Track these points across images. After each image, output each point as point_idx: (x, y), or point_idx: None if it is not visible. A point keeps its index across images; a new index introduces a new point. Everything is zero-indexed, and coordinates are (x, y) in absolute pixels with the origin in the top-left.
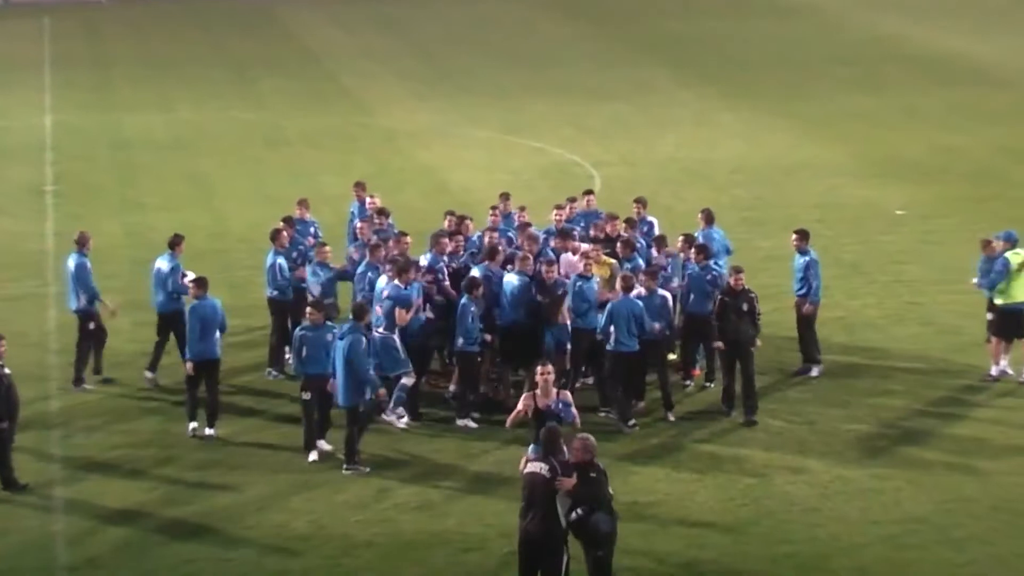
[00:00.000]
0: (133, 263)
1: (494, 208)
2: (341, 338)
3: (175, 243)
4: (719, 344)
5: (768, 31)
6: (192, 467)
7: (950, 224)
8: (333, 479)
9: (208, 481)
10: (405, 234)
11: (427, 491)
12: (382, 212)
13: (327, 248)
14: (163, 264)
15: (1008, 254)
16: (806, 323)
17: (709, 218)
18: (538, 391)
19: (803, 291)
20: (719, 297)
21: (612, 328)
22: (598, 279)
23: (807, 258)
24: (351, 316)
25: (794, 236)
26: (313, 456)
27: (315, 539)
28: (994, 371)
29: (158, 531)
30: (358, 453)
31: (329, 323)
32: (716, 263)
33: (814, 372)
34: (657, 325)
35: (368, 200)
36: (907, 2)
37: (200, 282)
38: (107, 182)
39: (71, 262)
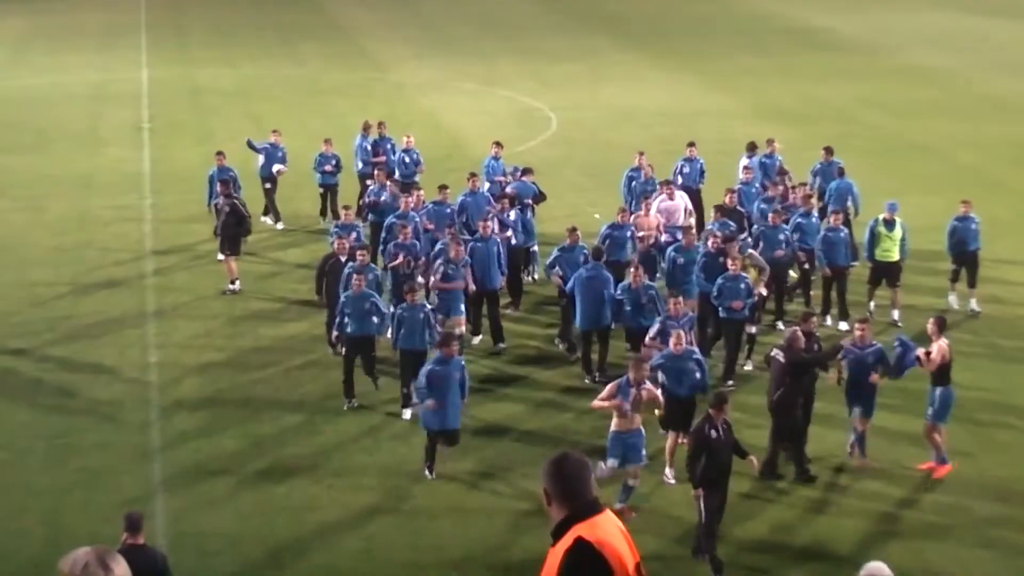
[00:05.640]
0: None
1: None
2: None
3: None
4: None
5: (682, 9)
6: (273, 412)
7: (816, 155)
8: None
9: (288, 425)
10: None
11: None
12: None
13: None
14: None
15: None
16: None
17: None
18: None
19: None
20: (781, 360)
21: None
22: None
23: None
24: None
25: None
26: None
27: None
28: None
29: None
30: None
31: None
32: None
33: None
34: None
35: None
36: None
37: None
38: (187, 121)
39: None
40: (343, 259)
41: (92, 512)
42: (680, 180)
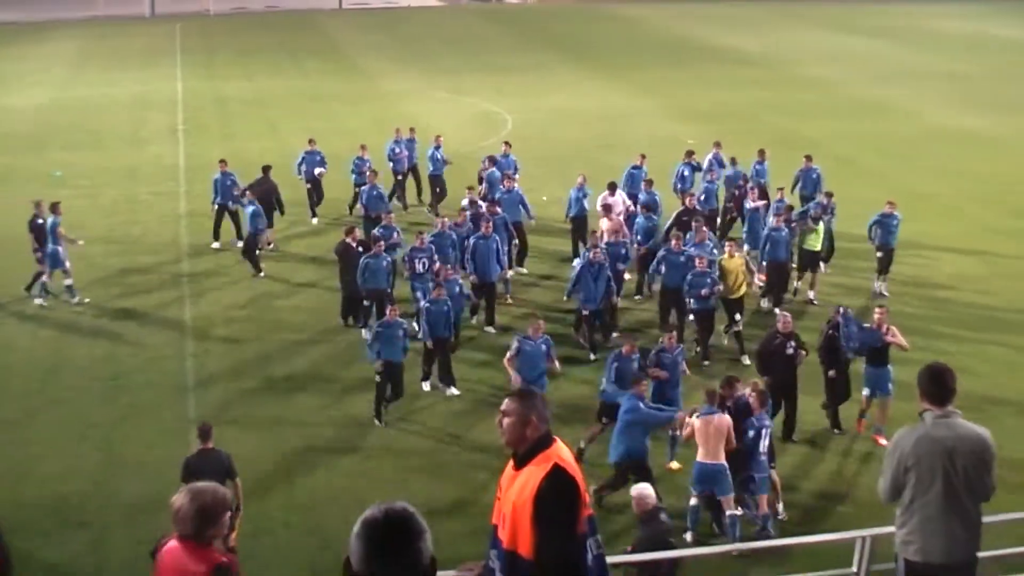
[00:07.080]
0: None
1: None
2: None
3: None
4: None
5: (614, 31)
6: (288, 359)
7: (726, 147)
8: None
9: (299, 371)
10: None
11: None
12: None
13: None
14: None
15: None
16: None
17: (758, 157)
18: None
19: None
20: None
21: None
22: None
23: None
24: None
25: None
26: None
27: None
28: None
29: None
30: None
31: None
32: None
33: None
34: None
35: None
36: (697, 13)
37: None
38: (214, 124)
39: None
40: (353, 245)
41: (139, 440)
42: (681, 184)
